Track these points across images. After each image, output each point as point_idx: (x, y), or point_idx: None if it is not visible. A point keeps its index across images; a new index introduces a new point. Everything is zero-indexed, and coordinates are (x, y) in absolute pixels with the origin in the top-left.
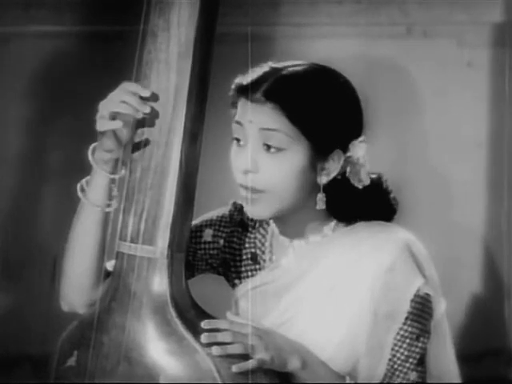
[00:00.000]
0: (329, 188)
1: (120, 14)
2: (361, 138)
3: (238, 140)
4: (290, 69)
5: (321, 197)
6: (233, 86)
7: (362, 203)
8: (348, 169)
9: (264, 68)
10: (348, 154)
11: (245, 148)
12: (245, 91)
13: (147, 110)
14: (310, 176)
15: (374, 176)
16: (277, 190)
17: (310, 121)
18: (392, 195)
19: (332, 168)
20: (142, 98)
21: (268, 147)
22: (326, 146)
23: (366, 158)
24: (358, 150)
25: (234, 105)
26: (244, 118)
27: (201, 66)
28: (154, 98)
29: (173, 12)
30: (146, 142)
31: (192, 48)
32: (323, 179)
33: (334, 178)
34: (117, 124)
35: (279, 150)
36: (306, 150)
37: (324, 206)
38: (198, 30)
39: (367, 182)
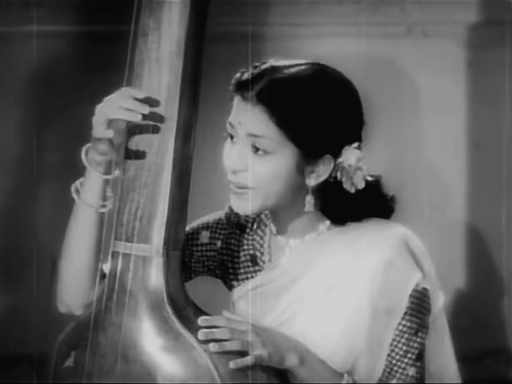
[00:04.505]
0: (321, 190)
1: (111, 14)
2: (355, 145)
3: (231, 137)
4: (289, 70)
5: (309, 199)
6: (232, 81)
7: (356, 206)
8: (339, 174)
9: (265, 65)
10: (339, 160)
11: (236, 146)
12: (241, 88)
13: (146, 111)
14: (297, 178)
15: (371, 179)
16: (261, 189)
17: (297, 128)
18: (390, 195)
19: (321, 171)
20: (139, 100)
21: (256, 149)
22: (314, 152)
23: (361, 162)
24: (350, 156)
25: (232, 99)
26: (235, 120)
27: (192, 64)
28: (154, 102)
29: (163, 11)
30: (140, 142)
31: (183, 47)
32: (312, 182)
33: (327, 181)
34: (110, 133)
35: (266, 153)
36: (293, 154)
37: (312, 209)
38: (189, 29)
39: (361, 185)
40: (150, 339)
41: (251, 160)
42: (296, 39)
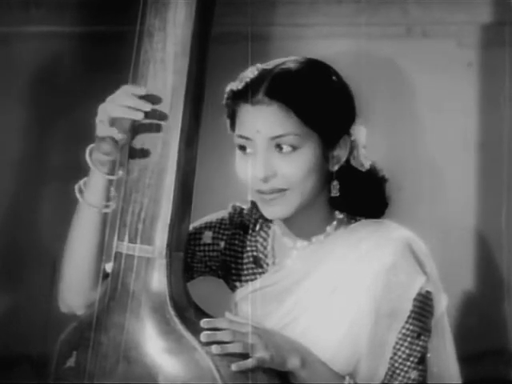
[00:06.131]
0: (337, 175)
1: (116, 14)
2: (358, 121)
3: (243, 148)
4: (282, 66)
5: (335, 184)
6: (226, 95)
7: (364, 189)
8: (354, 153)
9: (254, 70)
10: (352, 138)
11: (254, 156)
12: (242, 96)
13: (148, 108)
14: (323, 166)
15: (370, 162)
16: (296, 187)
17: (316, 114)
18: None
19: (341, 154)
20: (141, 97)
21: (280, 148)
22: (334, 135)
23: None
24: (360, 132)
25: (231, 113)
26: (250, 130)
27: (197, 65)
28: (155, 99)
29: (169, 12)
30: (144, 143)
31: (188, 47)
32: (335, 167)
33: (340, 166)
34: (114, 132)
35: (294, 148)
36: (317, 142)
37: (338, 193)
38: (195, 29)
39: (368, 165)
40: (152, 340)
41: (278, 163)
42: (296, 39)
